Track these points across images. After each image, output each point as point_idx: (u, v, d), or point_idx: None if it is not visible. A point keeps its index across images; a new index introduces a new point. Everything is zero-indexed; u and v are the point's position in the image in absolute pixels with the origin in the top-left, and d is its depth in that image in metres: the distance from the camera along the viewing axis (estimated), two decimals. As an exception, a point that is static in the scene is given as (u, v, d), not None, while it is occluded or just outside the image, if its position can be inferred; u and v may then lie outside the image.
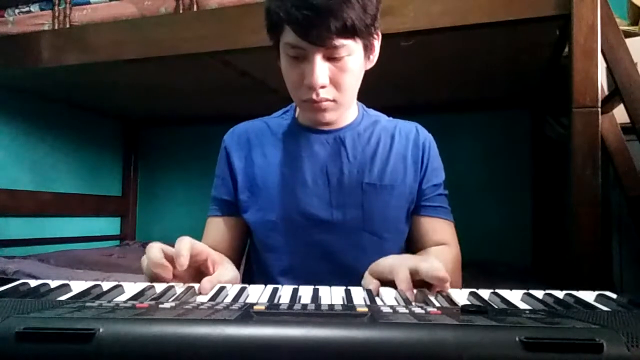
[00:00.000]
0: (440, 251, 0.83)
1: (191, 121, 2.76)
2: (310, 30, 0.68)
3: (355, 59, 0.75)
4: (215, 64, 1.68)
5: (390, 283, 0.62)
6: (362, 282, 0.66)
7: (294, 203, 0.83)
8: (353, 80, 0.77)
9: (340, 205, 0.83)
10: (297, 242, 0.84)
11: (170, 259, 0.61)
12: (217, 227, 0.89)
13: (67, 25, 1.74)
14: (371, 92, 0.89)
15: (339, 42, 0.70)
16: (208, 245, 0.86)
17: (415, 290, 0.57)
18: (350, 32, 0.70)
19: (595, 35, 1.14)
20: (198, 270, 0.67)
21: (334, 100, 0.76)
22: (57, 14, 1.75)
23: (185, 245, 0.61)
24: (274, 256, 0.85)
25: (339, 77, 0.74)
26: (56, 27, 1.75)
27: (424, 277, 0.57)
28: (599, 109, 1.13)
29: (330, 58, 0.72)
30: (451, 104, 2.29)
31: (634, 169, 1.30)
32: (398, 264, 0.61)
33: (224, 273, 0.68)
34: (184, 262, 0.59)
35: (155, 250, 0.61)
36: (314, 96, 0.74)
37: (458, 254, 0.86)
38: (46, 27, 1.77)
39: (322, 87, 0.74)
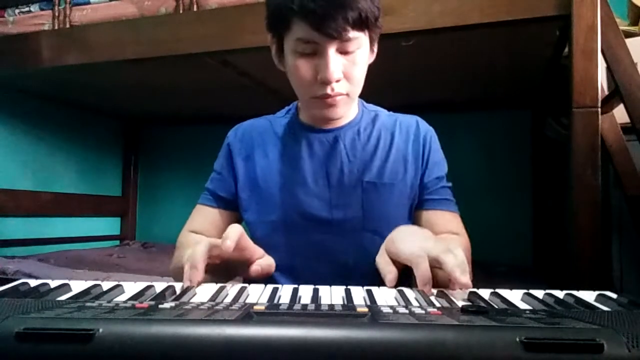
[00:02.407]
0: (453, 240, 0.82)
1: (191, 121, 2.76)
2: (327, 22, 0.68)
3: (364, 51, 0.75)
4: (215, 64, 1.68)
5: (406, 266, 0.61)
6: (377, 260, 0.65)
7: (294, 203, 0.83)
8: (362, 73, 0.77)
9: (341, 205, 0.83)
10: (297, 242, 0.84)
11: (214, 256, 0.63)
12: (206, 215, 0.89)
13: (67, 25, 1.74)
14: (371, 92, 0.89)
15: (353, 34, 0.71)
16: (193, 230, 0.87)
17: (434, 290, 0.56)
18: (364, 23, 0.71)
19: (595, 35, 1.14)
20: (236, 267, 0.69)
21: (347, 94, 0.76)
22: (57, 14, 1.75)
23: (235, 232, 0.63)
24: (274, 256, 0.85)
25: (351, 70, 0.74)
26: (56, 27, 1.75)
27: (446, 273, 0.56)
28: (599, 109, 1.13)
29: (343, 52, 0.73)
30: (451, 104, 2.29)
31: (634, 169, 1.29)
32: (418, 251, 0.60)
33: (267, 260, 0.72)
34: (230, 245, 0.61)
35: (202, 247, 0.62)
36: (329, 91, 0.74)
37: (468, 243, 0.85)
38: (46, 27, 1.77)
39: (337, 81, 0.73)
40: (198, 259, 0.60)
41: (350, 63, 0.74)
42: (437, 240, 0.67)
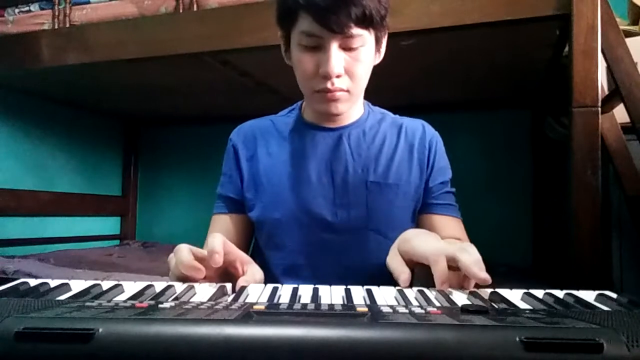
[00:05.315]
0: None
1: (191, 121, 2.76)
2: (330, 16, 0.69)
3: (368, 50, 0.75)
4: (215, 64, 1.68)
5: (419, 265, 0.60)
6: (389, 261, 0.64)
7: (298, 201, 0.83)
8: (365, 71, 0.77)
9: (345, 203, 0.83)
10: (301, 240, 0.83)
11: (200, 260, 0.59)
12: (223, 224, 0.88)
13: (67, 25, 1.73)
14: (371, 92, 0.89)
15: (356, 30, 0.71)
16: None
17: (451, 290, 0.56)
18: (368, 21, 0.71)
19: (595, 35, 1.14)
20: (225, 271, 0.64)
21: (347, 91, 0.76)
22: (57, 13, 1.75)
23: (219, 242, 0.59)
24: (278, 254, 0.85)
25: (353, 67, 0.75)
26: (56, 27, 1.75)
27: (463, 270, 0.55)
28: (599, 109, 1.13)
29: (346, 48, 0.73)
30: (451, 104, 2.29)
31: (634, 169, 1.29)
32: (435, 250, 0.58)
33: (255, 272, 0.66)
34: (218, 259, 0.57)
35: (185, 252, 0.60)
36: (329, 85, 0.74)
37: None
38: (46, 27, 1.77)
39: (338, 76, 0.74)
40: (191, 263, 0.58)
41: (352, 60, 0.74)
42: (449, 241, 0.66)
